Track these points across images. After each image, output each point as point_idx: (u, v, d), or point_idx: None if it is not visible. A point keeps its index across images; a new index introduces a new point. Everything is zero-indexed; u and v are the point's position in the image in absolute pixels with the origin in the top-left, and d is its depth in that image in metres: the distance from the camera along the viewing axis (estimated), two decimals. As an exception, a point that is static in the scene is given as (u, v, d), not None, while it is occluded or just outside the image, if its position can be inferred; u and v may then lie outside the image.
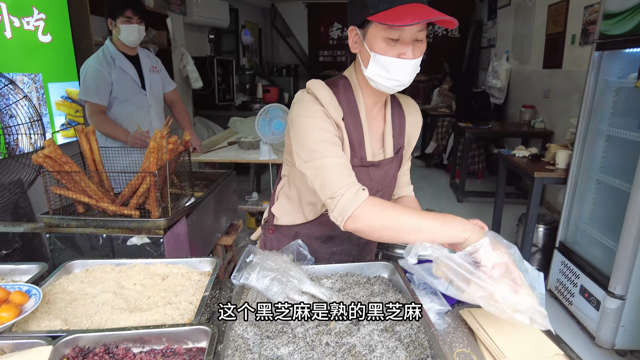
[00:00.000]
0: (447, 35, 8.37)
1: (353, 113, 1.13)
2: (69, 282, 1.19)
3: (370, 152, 1.17)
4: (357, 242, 1.32)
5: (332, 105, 1.09)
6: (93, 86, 2.49)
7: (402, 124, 1.24)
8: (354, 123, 1.14)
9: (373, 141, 1.19)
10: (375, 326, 1.00)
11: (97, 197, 1.75)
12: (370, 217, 0.98)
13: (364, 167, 1.16)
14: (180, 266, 1.24)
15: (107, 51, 2.56)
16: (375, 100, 1.17)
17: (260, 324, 1.01)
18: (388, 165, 1.21)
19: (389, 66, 1.02)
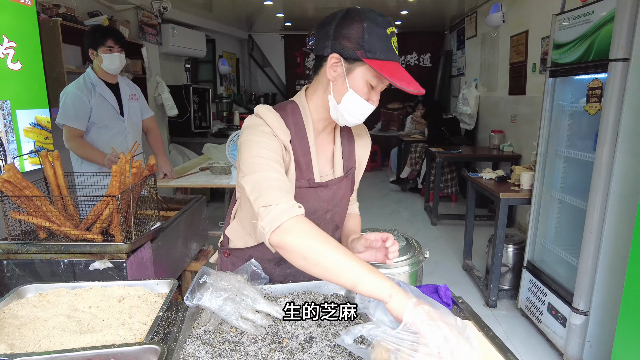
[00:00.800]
0: (420, 64, 8.69)
1: (300, 136, 1.16)
2: (20, 307, 1.16)
3: (318, 174, 1.19)
4: None
5: (279, 128, 1.10)
6: (72, 111, 2.57)
7: (352, 146, 1.28)
8: (302, 145, 1.16)
9: (322, 163, 1.22)
10: (328, 342, 1.01)
11: (59, 222, 1.73)
12: (300, 235, 0.92)
13: (312, 188, 1.18)
14: (138, 288, 1.23)
15: (88, 78, 2.66)
16: (325, 125, 1.21)
17: (214, 343, 1.01)
18: (337, 185, 1.23)
19: (359, 106, 1.08)
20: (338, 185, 1.24)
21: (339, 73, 1.07)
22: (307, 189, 1.17)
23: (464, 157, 5.31)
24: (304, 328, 1.07)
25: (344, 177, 1.25)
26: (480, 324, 1.12)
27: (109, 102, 2.70)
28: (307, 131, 1.17)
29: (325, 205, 1.22)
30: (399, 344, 0.80)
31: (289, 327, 1.07)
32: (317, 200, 1.20)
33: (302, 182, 1.16)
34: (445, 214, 5.30)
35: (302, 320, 1.09)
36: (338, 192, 1.24)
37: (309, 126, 1.17)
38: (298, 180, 1.16)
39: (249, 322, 1.04)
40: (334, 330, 1.06)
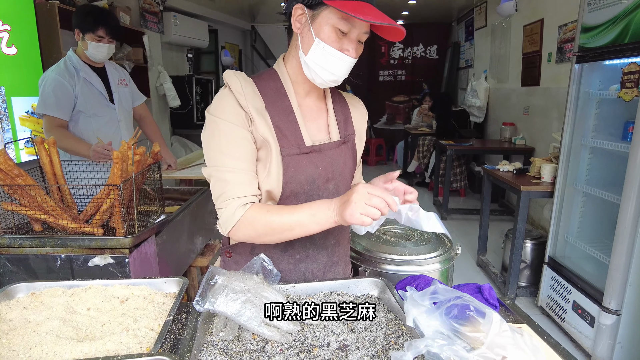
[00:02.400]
0: (426, 56, 8.51)
1: (280, 100, 1.08)
2: (9, 309, 1.02)
3: (308, 138, 1.09)
4: (323, 245, 1.18)
5: (244, 94, 1.02)
6: (53, 99, 2.27)
7: (347, 114, 1.21)
8: (284, 110, 1.07)
9: (313, 129, 1.12)
10: (366, 352, 0.87)
11: (55, 214, 1.58)
12: (246, 231, 1.00)
13: (304, 155, 1.07)
14: (143, 287, 1.09)
15: (70, 62, 2.36)
16: (307, 90, 1.12)
17: (233, 352, 0.87)
18: (334, 150, 1.12)
19: (330, 58, 0.99)
20: (336, 151, 1.13)
21: (304, 23, 1.02)
22: (298, 156, 1.06)
23: (475, 150, 5.16)
24: (336, 334, 0.93)
25: (342, 142, 1.15)
26: (537, 329, 0.98)
27: (96, 87, 2.40)
28: (288, 95, 1.09)
29: (323, 172, 1.10)
30: None
31: (318, 333, 0.93)
32: (313, 167, 1.08)
33: (291, 148, 1.05)
34: (455, 209, 5.16)
35: (324, 321, 0.95)
36: (337, 159, 1.13)
37: (289, 90, 1.09)
38: (285, 147, 1.05)
39: (273, 328, 0.90)
40: (370, 337, 0.92)
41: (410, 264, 1.40)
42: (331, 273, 1.21)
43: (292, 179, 1.05)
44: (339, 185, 1.15)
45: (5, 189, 1.51)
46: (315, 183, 1.09)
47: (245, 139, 1.02)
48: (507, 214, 4.94)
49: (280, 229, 0.98)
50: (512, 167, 3.35)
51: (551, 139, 3.78)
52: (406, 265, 1.41)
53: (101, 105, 2.43)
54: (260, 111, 1.04)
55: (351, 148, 1.19)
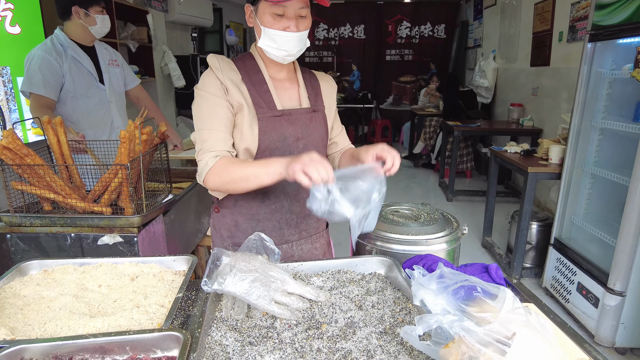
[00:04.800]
0: (433, 36, 8.36)
1: (255, 74, 1.26)
2: (23, 285, 1.04)
3: (279, 104, 1.26)
4: (295, 197, 1.33)
5: (222, 69, 1.22)
6: (39, 76, 2.16)
7: (317, 89, 1.37)
8: (258, 82, 1.25)
9: (285, 99, 1.30)
10: (373, 329, 0.88)
11: (64, 193, 1.60)
12: (215, 179, 1.14)
13: (276, 117, 1.24)
14: (152, 265, 1.11)
15: (57, 40, 2.26)
16: (278, 68, 1.30)
17: (242, 328, 0.88)
18: (304, 115, 1.29)
19: (276, 38, 1.17)
20: (307, 116, 1.30)
21: (252, 17, 1.22)
22: (272, 118, 1.24)
23: (482, 131, 5.11)
24: (343, 312, 0.94)
25: (312, 111, 1.32)
26: (544, 308, 0.99)
27: (85, 67, 2.31)
28: (261, 70, 1.27)
29: (294, 132, 1.27)
30: (485, 344, 0.66)
31: (326, 310, 0.94)
32: (284, 127, 1.26)
33: (265, 112, 1.23)
34: (461, 190, 5.15)
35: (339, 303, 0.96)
36: (307, 122, 1.30)
37: (262, 68, 1.28)
38: (260, 111, 1.22)
39: (283, 305, 0.91)
40: (377, 314, 0.93)
41: (416, 243, 1.40)
42: (304, 224, 1.36)
43: (266, 136, 1.23)
44: (308, 144, 1.30)
45: (15, 169, 1.52)
46: (287, 141, 1.26)
47: (221, 106, 1.20)
48: (513, 196, 4.92)
49: (238, 178, 1.11)
50: (519, 148, 3.32)
51: (559, 120, 3.73)
52: (413, 245, 1.41)
53: (90, 85, 2.34)
54: (237, 83, 1.23)
55: (322, 117, 1.36)
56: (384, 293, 1.00)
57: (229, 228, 1.34)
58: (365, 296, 0.99)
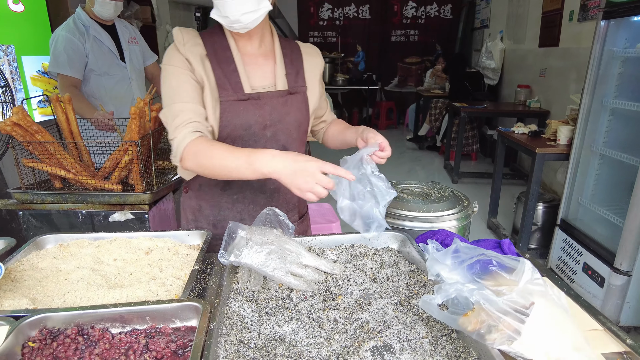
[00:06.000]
0: (440, 16, 8.22)
1: (223, 51, 1.14)
2: (40, 258, 1.05)
3: (248, 85, 1.14)
4: (260, 189, 1.24)
5: (184, 43, 1.11)
6: (65, 57, 2.24)
7: (299, 66, 1.23)
8: (225, 59, 1.13)
9: (257, 77, 1.17)
10: (389, 300, 0.89)
11: (74, 171, 1.60)
12: (193, 161, 1.04)
13: (242, 101, 1.12)
14: (167, 240, 1.11)
15: (79, 19, 2.31)
16: (247, 41, 1.16)
17: (259, 299, 0.89)
18: (276, 99, 1.16)
19: (219, 6, 1.03)
20: (279, 100, 1.17)
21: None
22: (236, 102, 1.12)
23: (489, 113, 5.07)
24: (358, 284, 0.95)
25: (288, 93, 1.18)
26: (557, 283, 0.99)
27: (106, 45, 2.36)
28: (229, 44, 1.15)
29: (261, 119, 1.15)
30: (504, 313, 0.66)
31: (341, 282, 0.95)
32: (250, 113, 1.14)
33: (229, 94, 1.11)
34: (466, 172, 5.13)
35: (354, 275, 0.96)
36: (279, 108, 1.17)
37: (231, 42, 1.15)
38: (224, 94, 1.11)
39: (299, 277, 0.92)
40: (392, 287, 0.94)
41: (427, 220, 1.41)
42: None
43: (228, 123, 1.12)
44: (277, 133, 1.18)
45: (25, 145, 1.52)
46: (252, 129, 1.14)
47: (189, 78, 1.10)
48: (518, 178, 4.91)
49: (219, 168, 1.01)
50: (527, 129, 3.29)
51: (568, 101, 3.69)
52: (423, 221, 1.42)
53: (112, 63, 2.39)
54: (201, 58, 1.11)
55: (301, 100, 1.21)
56: (398, 266, 1.01)
57: (193, 211, 1.28)
58: (380, 269, 1.00)
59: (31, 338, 0.76)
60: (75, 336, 0.76)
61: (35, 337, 0.76)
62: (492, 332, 0.69)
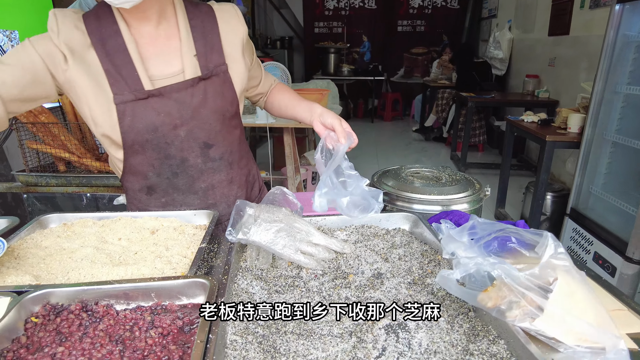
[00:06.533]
0: (446, 6, 8.12)
1: (112, 37, 0.94)
2: (44, 237, 1.03)
3: (147, 80, 0.95)
4: (190, 190, 1.10)
5: (59, 31, 0.91)
6: None
7: (214, 39, 1.02)
8: (116, 48, 0.94)
9: (160, 64, 0.98)
10: (402, 279, 0.86)
11: (79, 153, 1.58)
12: None
13: (141, 100, 0.94)
14: (172, 219, 1.09)
15: (85, 4, 2.27)
16: (139, 17, 0.95)
17: (267, 278, 0.87)
18: (184, 91, 0.98)
19: None
20: (187, 92, 0.98)
21: None
22: (135, 102, 0.94)
23: (497, 102, 5.01)
24: (369, 264, 0.92)
25: (200, 80, 0.99)
26: (577, 265, 0.96)
27: None
28: (119, 27, 0.94)
29: (168, 119, 0.98)
30: (527, 288, 0.63)
31: (351, 262, 0.92)
32: (153, 114, 0.96)
33: (125, 95, 0.93)
34: (473, 163, 5.08)
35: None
36: (189, 101, 0.99)
37: (121, 23, 0.95)
38: (118, 93, 0.93)
39: (309, 255, 0.89)
40: (405, 266, 0.91)
41: (439, 203, 1.37)
42: None
43: (130, 128, 0.96)
44: (194, 130, 1.02)
45: (29, 127, 1.50)
46: (159, 131, 0.98)
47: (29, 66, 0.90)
48: (525, 169, 4.86)
49: None
50: (536, 117, 3.24)
51: (578, 90, 3.63)
52: (435, 204, 1.38)
53: None
54: (82, 49, 0.92)
55: (221, 82, 1.03)
56: (411, 246, 0.98)
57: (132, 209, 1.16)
58: (391, 249, 0.97)
59: (34, 314, 0.74)
60: (79, 312, 0.74)
61: (38, 312, 0.74)
62: (514, 308, 0.66)
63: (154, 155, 1.02)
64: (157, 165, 1.05)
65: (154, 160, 1.04)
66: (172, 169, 1.06)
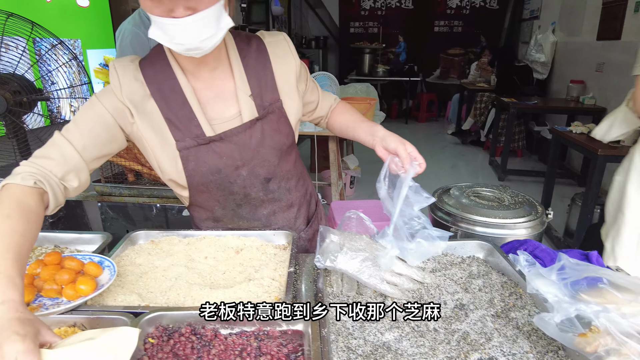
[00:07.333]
0: (485, 6, 7.96)
1: (169, 84, 0.96)
2: (136, 254, 1.10)
3: (208, 126, 0.98)
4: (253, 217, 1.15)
5: (119, 87, 0.94)
6: (130, 51, 2.30)
7: (268, 75, 1.03)
8: (174, 96, 0.96)
9: (218, 108, 1.01)
10: (485, 311, 0.89)
11: (149, 165, 1.66)
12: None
13: (203, 145, 0.98)
14: (254, 239, 1.14)
15: (144, 14, 2.39)
16: (196, 62, 0.95)
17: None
18: (243, 133, 1.00)
19: (163, 27, 0.82)
20: (246, 134, 1.00)
21: None
22: (197, 148, 0.97)
23: (540, 109, 4.90)
24: (450, 294, 0.95)
25: (257, 121, 1.01)
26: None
27: None
28: (177, 77, 0.96)
29: (230, 161, 1.01)
30: (629, 336, 0.65)
31: (432, 291, 0.96)
32: (216, 157, 0.99)
33: (186, 141, 0.96)
34: (512, 170, 4.99)
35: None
36: (249, 142, 1.01)
37: (177, 69, 0.96)
38: (180, 139, 0.96)
39: (394, 285, 0.93)
40: (486, 298, 0.93)
41: (503, 227, 1.38)
42: None
43: (194, 172, 1.00)
44: (255, 168, 1.05)
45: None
46: (222, 172, 1.02)
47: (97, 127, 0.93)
48: (567, 177, 4.74)
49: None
50: (585, 128, 3.16)
51: (629, 98, 3.51)
52: (498, 228, 1.40)
53: None
54: (142, 101, 0.95)
55: (276, 118, 1.04)
56: (490, 277, 1.00)
57: None
58: (470, 279, 1.00)
59: (149, 334, 0.80)
60: (189, 335, 0.80)
61: (152, 333, 0.80)
62: (611, 355, 0.68)
63: (218, 193, 1.08)
64: (221, 200, 1.11)
65: (219, 197, 1.09)
66: (236, 202, 1.12)
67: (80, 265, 0.90)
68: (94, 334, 0.69)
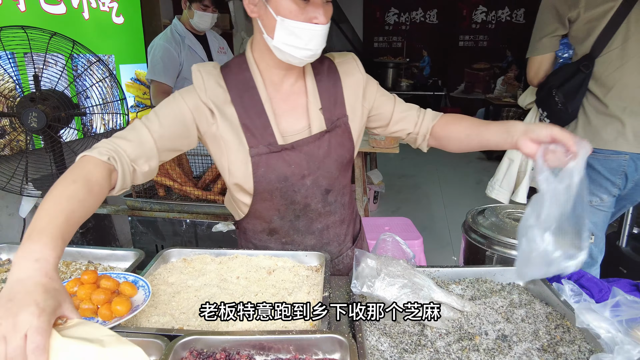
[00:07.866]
0: (511, 21, 7.88)
1: (249, 93, 1.01)
2: (168, 273, 1.10)
3: (279, 135, 1.02)
4: (308, 230, 1.14)
5: (205, 89, 1.00)
6: (161, 65, 2.41)
7: (337, 92, 1.08)
8: (253, 105, 1.01)
9: (291, 120, 1.05)
10: (530, 344, 0.84)
11: (180, 181, 1.68)
12: None
13: (275, 153, 1.02)
14: (286, 259, 1.13)
15: (176, 30, 2.48)
16: (283, 75, 1.03)
17: (392, 333, 0.88)
18: (313, 144, 1.04)
19: (300, 33, 0.89)
20: (315, 145, 1.04)
21: (259, 4, 0.92)
22: (269, 155, 1.01)
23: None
24: (491, 323, 0.91)
25: (325, 133, 1.05)
26: None
27: (199, 55, 2.52)
28: (257, 87, 1.01)
29: (298, 170, 1.04)
30: None
31: (472, 321, 0.92)
32: (285, 165, 1.03)
33: (260, 148, 1.01)
34: (540, 187, 4.86)
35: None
36: (316, 153, 1.05)
37: (258, 81, 1.02)
38: (254, 146, 1.01)
39: (434, 314, 0.90)
40: (530, 329, 0.89)
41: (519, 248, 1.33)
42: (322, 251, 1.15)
43: (262, 178, 1.03)
44: (318, 179, 1.08)
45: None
46: (289, 181, 1.05)
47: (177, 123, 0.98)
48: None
49: None
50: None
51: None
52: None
53: None
54: (223, 104, 1.00)
55: (342, 132, 1.08)
56: (533, 307, 0.95)
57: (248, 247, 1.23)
58: (511, 308, 0.95)
59: (183, 358, 0.79)
60: (224, 360, 0.78)
61: (186, 357, 0.79)
62: None
63: (281, 201, 1.08)
64: (282, 210, 1.11)
65: (280, 206, 1.10)
66: (295, 213, 1.12)
67: (115, 285, 0.90)
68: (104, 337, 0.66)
